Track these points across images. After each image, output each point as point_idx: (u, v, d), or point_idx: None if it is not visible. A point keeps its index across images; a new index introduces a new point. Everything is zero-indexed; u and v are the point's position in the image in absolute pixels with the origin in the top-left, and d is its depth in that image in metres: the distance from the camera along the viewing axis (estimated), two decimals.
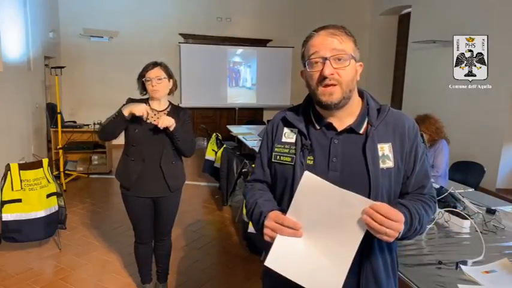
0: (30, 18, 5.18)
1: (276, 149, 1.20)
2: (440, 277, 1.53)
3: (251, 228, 3.11)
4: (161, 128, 2.18)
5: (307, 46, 1.12)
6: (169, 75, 2.34)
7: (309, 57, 1.10)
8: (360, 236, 0.98)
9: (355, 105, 1.15)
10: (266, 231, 1.06)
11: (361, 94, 1.18)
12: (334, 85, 1.07)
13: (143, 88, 2.34)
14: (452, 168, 3.52)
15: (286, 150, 1.17)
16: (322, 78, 1.07)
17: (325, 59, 1.06)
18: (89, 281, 2.87)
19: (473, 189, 2.94)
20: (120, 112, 2.19)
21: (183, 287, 2.84)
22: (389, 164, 1.10)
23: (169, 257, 2.68)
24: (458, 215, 2.08)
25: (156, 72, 2.27)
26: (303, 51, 1.14)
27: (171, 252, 2.69)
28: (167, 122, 2.17)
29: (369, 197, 1.06)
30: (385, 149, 1.10)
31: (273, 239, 1.04)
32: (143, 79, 2.29)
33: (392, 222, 0.95)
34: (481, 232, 1.88)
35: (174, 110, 2.38)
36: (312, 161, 1.13)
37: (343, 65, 1.07)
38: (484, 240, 1.74)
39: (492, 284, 1.48)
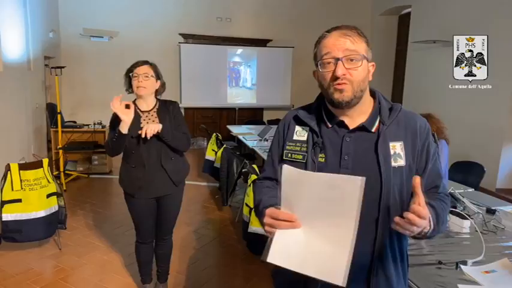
0: (30, 18, 5.18)
1: (287, 147, 1.20)
2: (440, 277, 1.53)
3: (251, 228, 3.11)
4: (149, 137, 2.19)
5: (320, 47, 1.13)
6: (158, 76, 2.33)
7: (321, 57, 1.11)
8: (354, 213, 0.95)
9: (367, 105, 1.16)
10: (266, 228, 1.06)
11: (373, 94, 1.19)
12: (346, 83, 1.08)
13: (129, 85, 2.32)
14: (452, 168, 3.52)
15: (298, 148, 1.18)
16: (335, 78, 1.08)
17: (337, 59, 1.07)
18: (89, 281, 2.87)
19: (473, 189, 2.94)
20: (119, 132, 2.16)
21: (183, 287, 2.84)
22: (401, 162, 1.10)
23: (170, 256, 2.68)
24: (458, 215, 2.08)
25: (144, 69, 2.27)
26: (316, 52, 1.15)
27: (172, 252, 2.69)
28: (153, 129, 2.17)
29: (380, 195, 1.06)
30: (396, 148, 1.11)
31: (273, 235, 1.04)
32: (130, 74, 2.28)
33: (421, 220, 0.96)
34: (481, 232, 1.88)
35: (163, 106, 2.37)
36: (323, 159, 1.13)
37: (356, 66, 1.08)
38: (484, 240, 1.74)
39: (492, 284, 1.48)
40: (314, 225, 1.01)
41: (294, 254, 1.01)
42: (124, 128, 2.15)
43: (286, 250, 1.02)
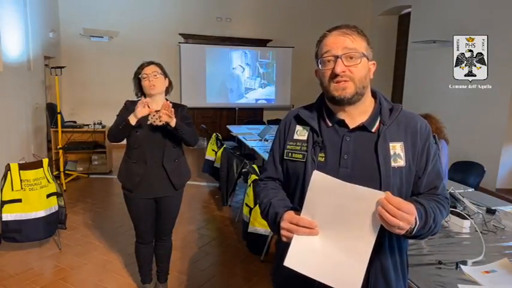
0: (30, 18, 5.18)
1: (288, 146, 1.21)
2: (440, 277, 1.53)
3: (251, 228, 3.11)
4: (161, 124, 2.17)
5: (321, 45, 1.14)
6: (165, 74, 2.37)
7: (321, 55, 1.12)
8: (376, 228, 0.98)
9: (368, 105, 1.16)
10: (283, 232, 1.07)
11: (373, 94, 1.20)
12: (347, 81, 1.08)
13: (139, 88, 2.34)
14: (452, 168, 3.52)
15: (298, 148, 1.18)
16: (334, 75, 1.09)
17: (336, 57, 1.08)
18: (89, 281, 2.87)
19: (473, 189, 2.94)
20: (127, 121, 2.19)
21: (183, 287, 2.84)
22: (401, 163, 1.10)
23: (169, 256, 2.68)
24: (458, 215, 2.08)
25: (152, 69, 2.30)
26: (317, 51, 1.16)
27: (172, 252, 2.69)
28: (166, 117, 2.17)
29: None
30: (396, 148, 1.11)
31: (289, 239, 1.05)
32: (139, 76, 2.30)
33: (404, 214, 0.95)
34: (481, 232, 1.88)
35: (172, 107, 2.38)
36: (323, 158, 1.13)
37: (355, 63, 1.09)
38: (484, 240, 1.74)
39: (492, 284, 1.48)
40: (333, 234, 1.02)
41: (310, 260, 1.03)
42: (133, 120, 2.19)
43: (303, 256, 1.03)
